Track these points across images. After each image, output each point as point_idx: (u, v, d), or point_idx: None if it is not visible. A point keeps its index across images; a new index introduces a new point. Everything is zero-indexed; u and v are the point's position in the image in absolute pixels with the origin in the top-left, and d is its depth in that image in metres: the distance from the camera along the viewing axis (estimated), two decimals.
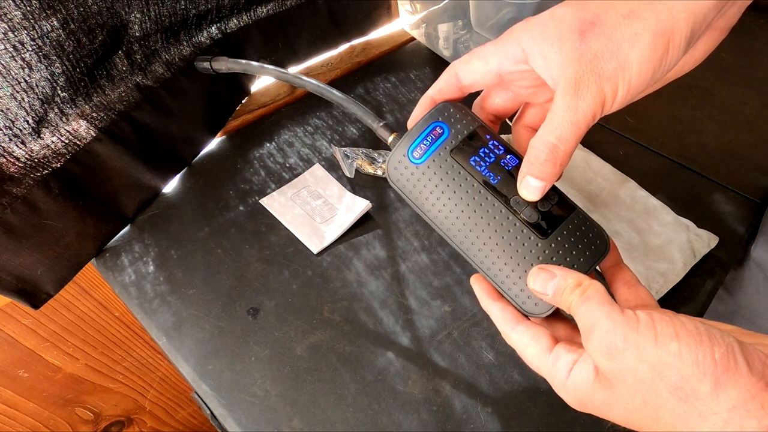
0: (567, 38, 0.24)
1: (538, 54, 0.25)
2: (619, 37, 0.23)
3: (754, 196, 0.59)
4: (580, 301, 0.25)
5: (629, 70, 0.23)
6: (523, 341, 0.28)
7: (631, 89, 0.24)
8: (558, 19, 0.25)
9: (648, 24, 0.23)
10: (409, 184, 0.30)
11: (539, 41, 0.25)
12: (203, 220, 0.56)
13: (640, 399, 0.22)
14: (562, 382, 0.26)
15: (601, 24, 0.24)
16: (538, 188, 0.27)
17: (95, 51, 0.43)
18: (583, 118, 0.24)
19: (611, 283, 0.30)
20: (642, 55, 0.23)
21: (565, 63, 0.24)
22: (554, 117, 0.25)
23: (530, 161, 0.26)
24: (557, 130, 0.25)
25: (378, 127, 0.33)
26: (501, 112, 0.32)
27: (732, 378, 0.20)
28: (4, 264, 0.44)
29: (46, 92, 0.41)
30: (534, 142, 0.26)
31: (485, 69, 0.28)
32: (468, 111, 0.30)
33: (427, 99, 0.31)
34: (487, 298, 0.30)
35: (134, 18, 0.45)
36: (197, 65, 0.46)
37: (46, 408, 0.69)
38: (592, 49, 0.23)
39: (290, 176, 0.60)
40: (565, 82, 0.24)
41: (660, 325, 0.22)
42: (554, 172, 0.26)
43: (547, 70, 0.25)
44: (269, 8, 0.59)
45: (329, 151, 0.63)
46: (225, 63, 0.44)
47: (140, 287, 0.50)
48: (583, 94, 0.24)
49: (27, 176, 0.43)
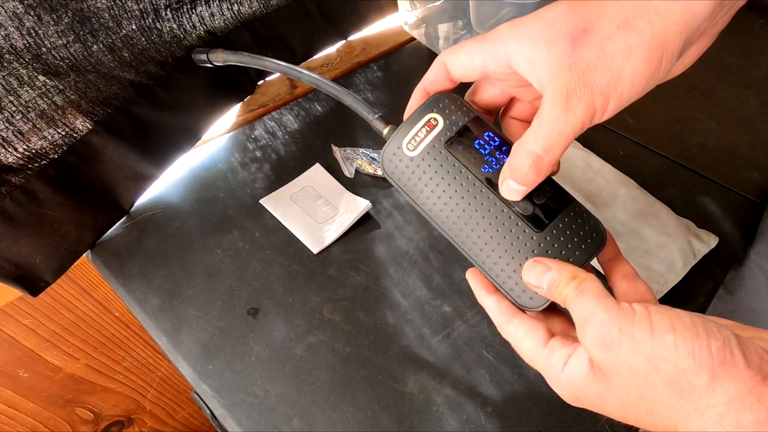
0: (556, 43, 0.23)
1: (522, 56, 0.25)
2: (613, 49, 0.22)
3: (754, 196, 0.59)
4: (575, 294, 0.25)
5: (622, 84, 0.23)
6: (518, 334, 0.28)
7: (622, 102, 0.24)
8: (546, 21, 0.24)
9: (643, 37, 0.22)
10: (404, 177, 0.30)
11: (524, 43, 0.24)
12: (203, 220, 0.56)
13: (635, 392, 0.22)
14: (557, 376, 0.25)
15: (594, 33, 0.23)
16: (519, 191, 0.27)
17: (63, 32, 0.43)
18: (571, 130, 0.24)
19: (610, 276, 0.30)
20: (635, 70, 0.23)
21: (554, 70, 0.23)
22: (541, 126, 0.24)
23: (513, 168, 0.26)
24: (544, 140, 0.24)
25: (373, 119, 0.33)
26: (491, 106, 0.32)
27: (728, 371, 0.20)
28: (3, 251, 0.45)
29: None
30: (518, 149, 0.25)
31: (470, 65, 0.27)
32: (463, 102, 0.30)
33: (420, 90, 0.30)
34: (483, 292, 0.30)
35: (101, 5, 0.45)
36: (194, 57, 0.47)
37: (46, 408, 0.69)
38: (584, 59, 0.23)
39: (290, 176, 0.60)
40: (555, 91, 0.23)
41: (656, 317, 0.22)
42: (537, 179, 0.26)
43: (532, 72, 0.25)
44: (254, 8, 0.59)
45: (329, 151, 0.63)
46: (222, 54, 0.45)
47: (140, 287, 0.50)
48: (573, 106, 0.23)
49: (26, 166, 0.44)
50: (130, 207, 0.56)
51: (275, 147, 0.63)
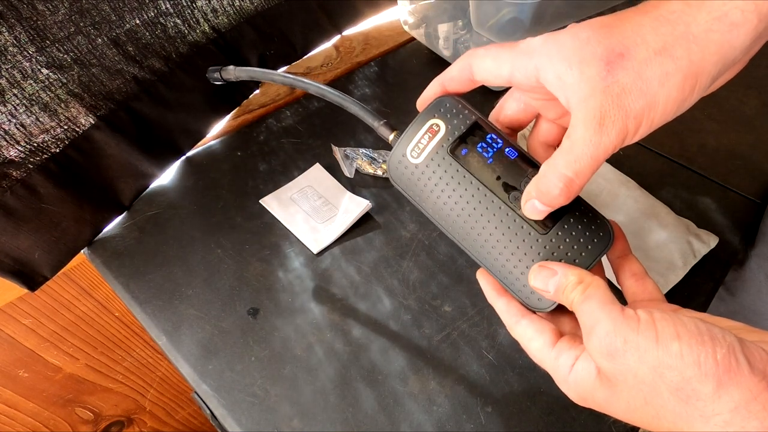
0: (591, 64, 0.23)
1: (552, 73, 0.24)
2: (649, 74, 0.22)
3: (754, 196, 0.59)
4: (581, 300, 0.25)
5: (655, 109, 0.23)
6: (527, 335, 0.28)
7: (652, 126, 0.23)
8: (581, 41, 0.23)
9: (680, 64, 0.22)
10: (411, 183, 0.30)
11: (555, 61, 0.24)
12: (203, 219, 0.56)
13: (641, 399, 0.22)
14: (564, 378, 0.26)
15: (630, 57, 0.22)
16: (544, 212, 0.26)
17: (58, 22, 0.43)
18: (603, 153, 0.23)
19: (618, 274, 0.30)
20: (669, 96, 0.22)
21: (587, 91, 0.23)
22: (574, 148, 0.24)
23: (542, 190, 0.25)
24: (576, 163, 0.24)
25: (379, 126, 0.33)
26: (515, 124, 0.32)
27: (734, 379, 0.20)
28: (3, 246, 0.45)
29: None
30: (548, 172, 0.25)
31: (497, 72, 0.27)
32: (465, 105, 0.30)
33: (437, 84, 0.30)
34: (493, 292, 0.30)
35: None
36: (208, 76, 0.48)
37: (46, 408, 0.69)
38: (619, 83, 0.22)
39: (290, 176, 0.60)
40: (589, 113, 0.23)
41: (661, 325, 0.22)
42: (565, 202, 0.25)
43: (560, 90, 0.24)
44: (256, 4, 0.60)
45: (329, 151, 0.63)
46: (233, 72, 0.47)
47: (140, 287, 0.50)
48: (608, 130, 0.23)
49: (27, 160, 0.44)
50: (130, 204, 0.56)
51: (275, 147, 0.63)
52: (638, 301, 0.29)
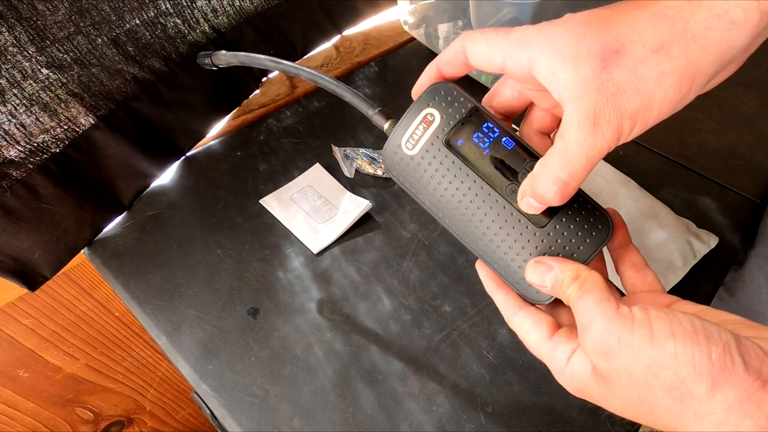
0: (585, 61, 0.22)
1: (545, 67, 0.24)
2: (645, 73, 0.22)
3: (754, 196, 0.59)
4: (577, 296, 0.25)
5: (651, 109, 0.22)
6: (524, 327, 0.28)
7: (647, 126, 0.23)
8: (576, 35, 0.23)
9: (677, 63, 0.21)
10: (407, 174, 0.30)
11: (549, 54, 0.23)
12: (203, 219, 0.56)
13: (635, 396, 0.22)
14: (561, 370, 0.26)
15: (626, 55, 0.22)
16: (539, 208, 0.26)
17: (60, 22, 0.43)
18: (598, 153, 0.23)
19: (618, 264, 0.30)
20: (665, 96, 0.22)
21: (581, 89, 0.22)
22: (567, 149, 0.23)
23: (537, 193, 0.25)
24: (570, 165, 0.23)
25: (373, 114, 0.32)
26: (509, 111, 0.31)
27: (728, 378, 0.20)
28: (3, 246, 0.45)
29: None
30: (542, 175, 0.24)
31: (490, 59, 0.26)
32: (460, 92, 0.29)
33: (433, 67, 0.29)
34: (491, 284, 0.30)
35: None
36: (199, 61, 0.47)
37: (46, 408, 0.69)
38: (614, 81, 0.22)
39: (290, 176, 0.60)
40: (583, 112, 0.22)
41: (656, 323, 0.21)
42: (561, 203, 0.25)
43: (553, 85, 0.24)
44: (256, 4, 0.60)
45: (329, 151, 0.63)
46: (224, 57, 0.46)
47: (140, 287, 0.50)
48: (602, 129, 0.22)
49: (27, 160, 0.44)
50: (130, 204, 0.56)
51: (275, 147, 0.63)
52: (637, 293, 0.29)
